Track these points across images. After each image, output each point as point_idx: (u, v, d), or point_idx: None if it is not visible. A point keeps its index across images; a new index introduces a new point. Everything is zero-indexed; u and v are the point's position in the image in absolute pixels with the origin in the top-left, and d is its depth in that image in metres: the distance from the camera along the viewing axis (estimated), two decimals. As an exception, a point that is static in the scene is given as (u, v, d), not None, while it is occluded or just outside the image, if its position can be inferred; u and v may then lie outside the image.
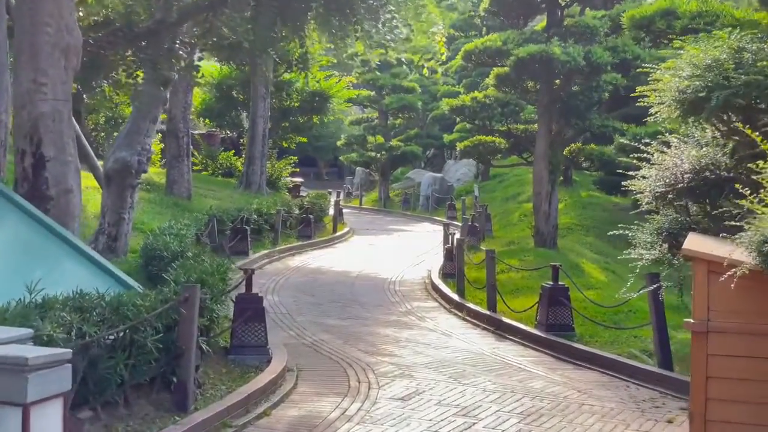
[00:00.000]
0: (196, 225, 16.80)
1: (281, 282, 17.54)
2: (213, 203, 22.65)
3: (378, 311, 14.59)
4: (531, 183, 36.67)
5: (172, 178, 22.38)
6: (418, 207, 39.13)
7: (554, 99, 21.77)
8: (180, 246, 11.94)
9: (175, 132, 22.30)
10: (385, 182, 43.63)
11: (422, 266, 21.22)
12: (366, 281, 18.37)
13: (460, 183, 40.81)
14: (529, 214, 29.55)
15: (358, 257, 22.74)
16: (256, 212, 21.69)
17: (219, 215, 19.23)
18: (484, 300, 15.17)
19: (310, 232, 24.81)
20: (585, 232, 26.29)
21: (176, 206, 21.28)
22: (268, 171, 31.07)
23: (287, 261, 21.18)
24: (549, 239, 21.89)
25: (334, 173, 68.20)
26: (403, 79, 43.86)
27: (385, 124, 44.06)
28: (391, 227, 32.93)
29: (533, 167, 22.29)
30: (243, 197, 25.57)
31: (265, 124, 28.28)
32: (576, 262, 20.10)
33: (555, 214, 22.21)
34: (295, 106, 31.94)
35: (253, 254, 20.18)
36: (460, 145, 23.37)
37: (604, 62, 20.62)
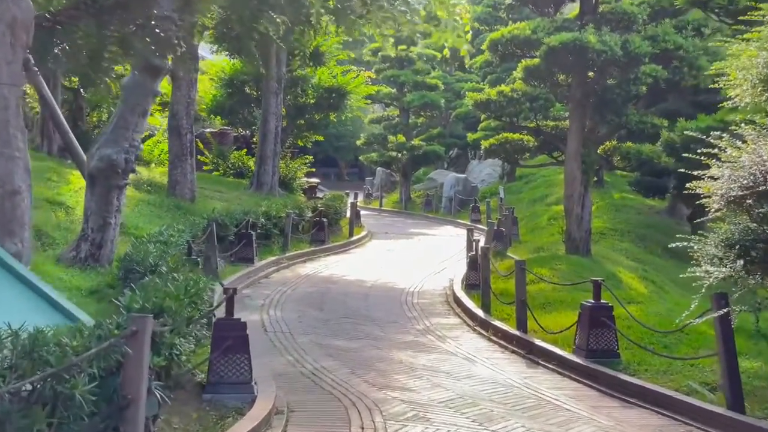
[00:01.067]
0: (194, 230, 15.18)
1: (287, 293, 15.88)
2: (219, 205, 21.05)
3: (393, 329, 12.89)
4: (561, 184, 34.84)
5: (175, 179, 20.80)
6: (441, 209, 37.38)
7: (587, 93, 20.00)
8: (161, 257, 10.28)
9: (178, 129, 20.73)
10: (406, 183, 41.92)
11: (444, 275, 19.50)
12: (381, 292, 16.69)
13: (485, 184, 39.02)
14: (559, 217, 27.77)
15: (374, 264, 21.06)
16: (264, 215, 20.07)
17: (221, 219, 17.61)
18: (513, 316, 13.45)
19: (323, 236, 23.16)
20: (619, 237, 24.47)
21: (178, 209, 19.70)
22: (282, 171, 29.45)
23: (297, 268, 19.53)
24: (582, 245, 20.11)
25: (354, 174, 66.62)
26: (426, 75, 42.12)
27: (406, 122, 42.35)
28: (412, 230, 31.21)
29: (564, 167, 20.52)
30: (253, 199, 23.95)
31: (277, 121, 26.65)
32: (612, 272, 18.31)
33: (588, 218, 20.42)
34: (311, 103, 30.26)
35: (259, 261, 18.55)
36: (485, 144, 21.63)
37: (643, 52, 18.84)
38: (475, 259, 16.01)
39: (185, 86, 20.69)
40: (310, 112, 30.41)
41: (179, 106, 20.75)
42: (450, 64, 48.32)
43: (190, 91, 20.80)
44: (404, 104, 41.34)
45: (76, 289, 11.82)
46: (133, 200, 19.22)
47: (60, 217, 15.79)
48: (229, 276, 16.18)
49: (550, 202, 30.85)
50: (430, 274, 19.66)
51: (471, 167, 42.66)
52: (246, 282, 16.55)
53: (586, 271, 17.56)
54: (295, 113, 30.30)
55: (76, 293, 11.61)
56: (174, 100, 20.84)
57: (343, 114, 31.55)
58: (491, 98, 20.42)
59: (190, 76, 20.76)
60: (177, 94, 20.77)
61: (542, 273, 16.86)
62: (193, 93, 20.92)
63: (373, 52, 42.68)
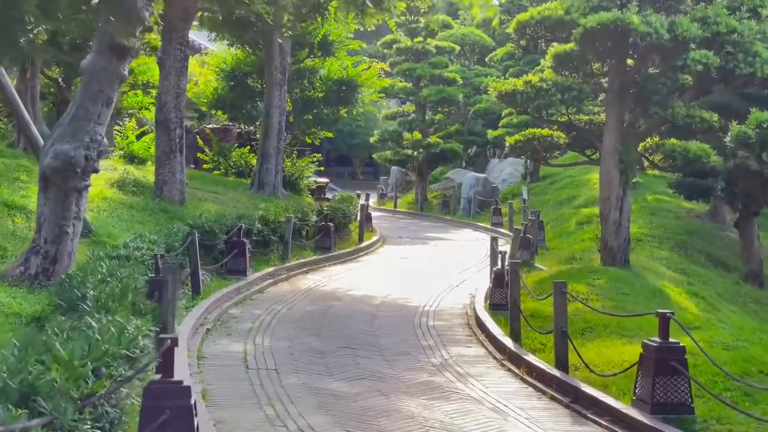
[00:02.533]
0: (170, 240, 12.93)
1: (281, 313, 13.61)
2: (212, 208, 18.81)
3: (403, 364, 10.60)
4: (588, 185, 32.49)
5: (162, 179, 18.56)
6: (459, 211, 35.02)
7: (626, 83, 17.65)
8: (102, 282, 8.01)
9: (166, 123, 18.49)
10: (422, 183, 39.61)
11: (464, 288, 17.21)
12: (392, 311, 14.39)
13: (506, 184, 36.65)
14: (588, 221, 25.41)
15: (385, 275, 18.77)
16: (261, 220, 17.81)
17: (208, 225, 15.37)
18: (548, 345, 11.18)
19: (329, 243, 20.88)
20: (657, 244, 22.08)
21: (164, 213, 17.46)
22: (288, 170, 27.19)
23: (297, 281, 17.25)
24: (619, 255, 17.77)
25: (369, 173, 64.36)
26: (443, 69, 39.79)
27: (422, 119, 40.04)
28: (428, 235, 28.88)
29: (600, 166, 18.15)
30: (252, 201, 21.72)
31: (281, 116, 24.38)
32: (656, 287, 15.95)
33: (627, 224, 18.07)
34: (319, 97, 27.96)
35: (253, 273, 16.30)
36: (509, 140, 19.28)
37: (692, 36, 16.46)
38: (501, 275, 13.68)
39: (174, 75, 18.45)
40: (319, 107, 28.12)
41: (167, 97, 18.51)
42: (469, 57, 45.99)
43: (180, 80, 18.55)
44: (420, 99, 39.05)
45: (14, 315, 9.58)
46: (114, 203, 17.01)
47: (18, 222, 13.57)
48: (214, 293, 13.94)
49: (578, 205, 28.46)
50: (447, 287, 17.35)
51: (491, 166, 40.28)
52: (235, 299, 14.29)
53: (627, 286, 15.22)
54: (302, 108, 28.04)
55: (14, 320, 9.37)
56: (162, 90, 18.60)
57: (355, 109, 29.19)
58: (517, 89, 18.05)
59: (180, 63, 18.52)
60: (165, 84, 18.53)
61: (579, 290, 14.53)
62: (183, 82, 18.67)
63: (388, 45, 40.40)
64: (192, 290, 13.45)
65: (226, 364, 10.05)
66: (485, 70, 44.41)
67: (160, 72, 18.70)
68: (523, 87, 18.07)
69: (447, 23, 40.73)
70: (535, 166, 34.95)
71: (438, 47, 40.20)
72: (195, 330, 11.47)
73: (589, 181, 31.59)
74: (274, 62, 24.09)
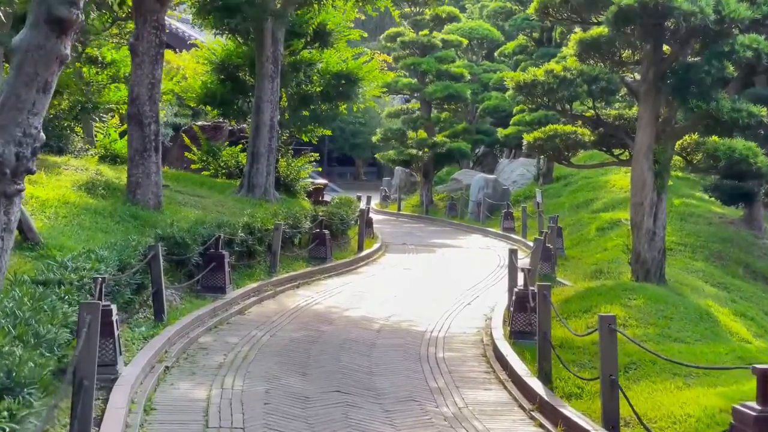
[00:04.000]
0: (126, 255, 10.72)
1: (262, 342, 11.42)
2: (192, 214, 16.63)
3: (406, 416, 8.40)
4: (606, 187, 30.24)
5: (135, 181, 16.37)
6: (467, 214, 32.77)
7: (663, 72, 15.43)
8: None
9: (139, 117, 16.30)
10: (427, 184, 37.38)
11: (477, 307, 15.02)
12: (394, 338, 12.18)
13: (517, 186, 34.40)
14: (609, 227, 23.20)
15: (386, 290, 16.58)
16: (246, 228, 15.62)
17: (180, 236, 13.17)
18: (587, 389, 9.03)
19: (324, 252, 18.68)
20: (691, 254, 19.86)
21: (134, 219, 15.24)
22: (282, 171, 24.97)
23: (285, 299, 15.04)
24: (654, 269, 15.57)
25: (372, 173, 62.21)
26: (450, 63, 37.54)
27: (428, 116, 37.80)
28: (434, 241, 26.67)
29: (632, 167, 15.95)
30: (240, 205, 19.52)
31: (273, 111, 22.16)
32: (701, 308, 13.71)
33: (662, 233, 15.87)
34: (317, 92, 25.73)
35: (234, 290, 14.11)
36: (527, 138, 17.04)
37: (740, 17, 14.28)
38: (524, 298, 11.46)
39: (148, 63, 16.25)
40: (316, 102, 25.86)
41: (140, 89, 16.31)
42: (477, 52, 43.76)
43: (155, 68, 16.35)
44: (426, 96, 36.80)
45: None
46: (76, 208, 14.79)
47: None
48: (183, 317, 11.75)
49: (597, 209, 26.23)
50: (458, 305, 15.15)
51: (501, 167, 38.03)
52: (208, 323, 12.10)
53: (669, 307, 12.99)
54: (298, 103, 25.78)
55: None
56: (134, 81, 16.41)
57: (355, 105, 26.94)
58: (537, 79, 15.84)
59: (155, 50, 16.34)
60: (138, 73, 16.34)
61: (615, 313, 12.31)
62: (158, 71, 16.47)
63: (392, 38, 38.18)
64: (154, 315, 11.26)
65: (180, 420, 7.85)
66: (494, 65, 42.14)
67: (132, 60, 16.52)
68: (544, 77, 15.85)
69: (454, 15, 38.48)
70: (549, 167, 32.73)
71: (444, 41, 37.95)
72: (149, 369, 9.28)
73: (607, 183, 29.39)
74: (265, 52, 21.89)
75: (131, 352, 9.69)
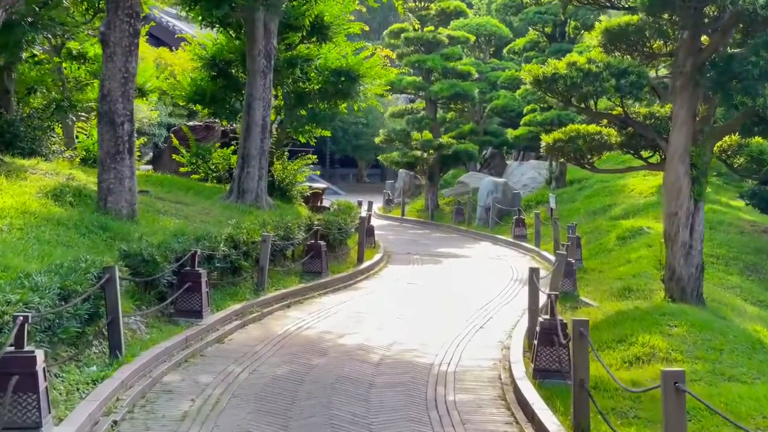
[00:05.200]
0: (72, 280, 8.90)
1: (239, 381, 9.61)
2: (171, 224, 14.82)
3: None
4: (624, 191, 28.37)
5: (106, 186, 14.55)
6: (475, 220, 30.91)
7: (701, 64, 13.63)
8: None
9: (111, 116, 14.48)
10: (432, 188, 35.55)
11: (490, 330, 13.22)
12: (396, 374, 10.35)
13: (528, 190, 32.56)
14: (630, 235, 21.35)
15: (388, 310, 14.76)
16: (229, 241, 13.83)
17: (148, 252, 11.37)
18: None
19: (320, 265, 16.86)
20: (724, 267, 18.09)
21: (103, 231, 13.39)
22: (277, 174, 23.17)
23: (272, 322, 13.22)
24: (691, 287, 13.77)
25: (375, 176, 60.46)
26: (456, 61, 35.73)
27: (433, 116, 35.98)
28: (441, 250, 24.85)
29: (665, 172, 14.14)
30: (227, 213, 17.70)
31: (266, 109, 20.33)
32: (753, 336, 11.88)
33: (700, 246, 14.05)
34: (315, 89, 23.89)
35: (213, 314, 12.31)
36: (546, 139, 15.19)
37: (791, 2, 12.47)
38: (551, 330, 9.61)
39: (121, 54, 14.44)
40: (314, 101, 24.02)
41: (112, 83, 14.49)
42: (484, 50, 41.94)
43: (128, 61, 14.54)
44: (431, 95, 35.00)
45: None
46: (37, 218, 12.96)
47: None
48: (146, 350, 9.94)
49: (616, 216, 24.41)
50: (469, 328, 13.33)
51: (510, 170, 36.20)
52: (177, 357, 10.29)
53: (716, 335, 11.20)
54: (295, 102, 23.93)
55: None
56: (105, 76, 14.57)
57: (356, 103, 25.05)
58: (559, 72, 14.00)
59: (129, 40, 14.52)
60: (109, 66, 14.51)
61: (655, 344, 10.52)
62: (132, 64, 14.66)
63: (395, 34, 36.37)
64: (110, 350, 9.44)
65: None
66: (502, 63, 40.39)
67: (103, 51, 14.69)
68: (567, 70, 14.02)
69: (461, 10, 36.64)
70: (562, 170, 30.88)
71: (451, 37, 36.17)
72: (91, 426, 7.48)
73: (625, 187, 27.58)
74: (257, 45, 20.07)
75: (72, 401, 7.90)
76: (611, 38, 14.42)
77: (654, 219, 22.50)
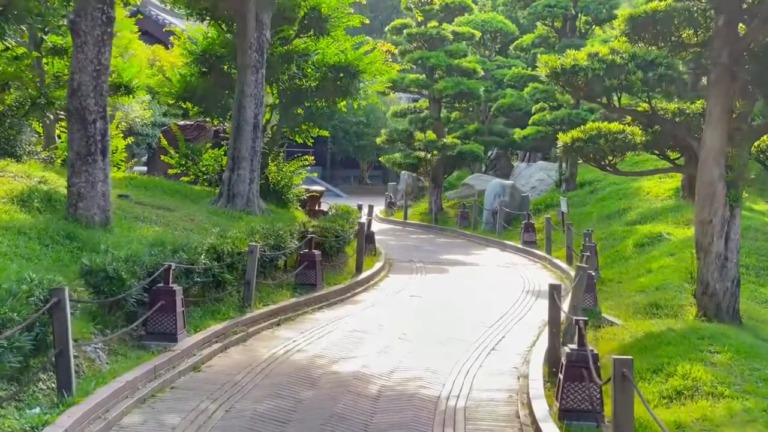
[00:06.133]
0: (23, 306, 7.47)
1: (213, 422, 8.16)
2: (150, 233, 13.42)
3: None
4: (638, 195, 26.77)
5: (77, 191, 13.13)
6: (481, 225, 29.45)
7: (738, 55, 12.21)
8: None
9: (81, 113, 13.07)
10: (436, 190, 34.07)
11: (504, 352, 11.78)
12: (397, 411, 8.89)
13: (536, 193, 31.06)
14: (649, 242, 19.87)
15: (389, 329, 13.29)
16: (211, 252, 12.39)
17: (112, 268, 9.93)
18: None
19: (314, 277, 15.41)
20: (755, 277, 16.62)
21: (70, 241, 11.98)
22: (272, 177, 21.78)
23: (258, 345, 11.77)
24: (726, 303, 12.40)
25: (377, 177, 58.92)
26: (461, 58, 34.25)
27: (437, 116, 34.50)
28: (446, 257, 23.40)
29: (697, 175, 12.69)
30: (214, 220, 16.29)
31: (258, 107, 18.90)
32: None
33: (735, 258, 12.66)
34: (312, 86, 22.45)
35: (189, 336, 10.88)
36: (563, 138, 13.74)
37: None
38: (580, 362, 8.14)
39: (92, 44, 13.00)
40: (311, 99, 22.59)
41: (83, 77, 13.07)
42: (489, 47, 40.47)
43: (101, 52, 13.12)
44: (435, 93, 33.49)
45: None
46: (-6, 227, 11.61)
47: None
48: (105, 384, 8.48)
49: (631, 220, 22.92)
50: (480, 352, 11.87)
51: (518, 171, 34.73)
52: (144, 391, 8.84)
53: (766, 364, 9.72)
54: (291, 100, 22.51)
55: None
56: (75, 68, 13.14)
57: (356, 101, 23.58)
58: (579, 64, 12.57)
59: (101, 29, 13.09)
60: (79, 57, 13.08)
61: (696, 375, 9.08)
62: (105, 55, 13.24)
63: (397, 30, 34.89)
64: (57, 389, 7.99)
65: None
66: (508, 61, 38.92)
67: (74, 41, 13.26)
68: (588, 62, 12.59)
69: (465, 5, 35.12)
70: (572, 172, 29.39)
71: (455, 33, 34.68)
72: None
73: (639, 191, 26.09)
74: (248, 38, 18.65)
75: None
76: (636, 27, 13.01)
77: (673, 224, 21.06)
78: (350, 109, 25.62)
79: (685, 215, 21.07)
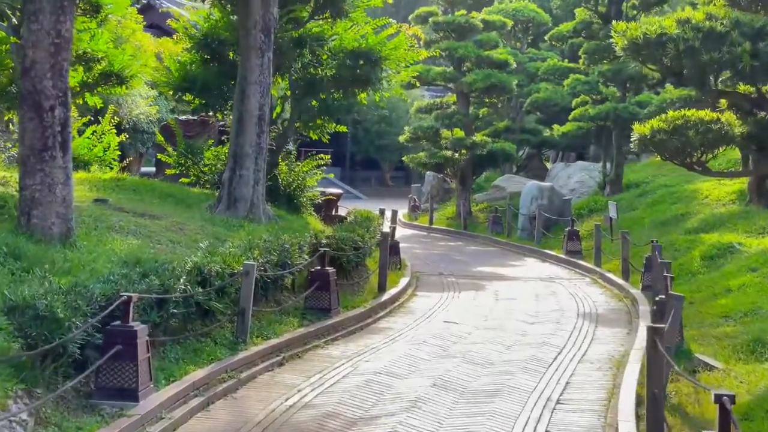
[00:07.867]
0: None
1: None
2: (124, 247, 10.69)
3: None
4: (696, 198, 23.58)
5: (30, 195, 10.49)
6: (517, 231, 26.62)
7: None
8: None
9: (36, 98, 10.43)
10: (465, 192, 31.28)
11: (571, 407, 8.98)
12: None
13: (576, 196, 28.19)
14: (720, 254, 16.93)
15: (420, 373, 10.46)
16: (195, 273, 9.68)
17: (47, 303, 7.24)
18: None
19: (328, 300, 12.65)
20: None
21: (16, 260, 9.30)
22: (283, 178, 19.09)
23: (250, 398, 9.00)
24: None
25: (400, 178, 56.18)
26: (492, 49, 31.46)
27: (465, 112, 31.74)
28: (480, 269, 20.62)
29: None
30: (211, 229, 13.58)
31: (264, 97, 16.21)
32: None
33: None
34: (328, 76, 19.72)
35: (160, 391, 8.16)
36: (639, 130, 10.97)
37: None
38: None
39: (49, 13, 10.36)
40: (327, 89, 19.82)
41: (37, 53, 10.41)
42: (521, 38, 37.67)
43: (60, 21, 10.47)
44: (463, 87, 30.72)
45: None
46: None
47: None
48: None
49: (693, 228, 20.02)
50: (542, 407, 9.05)
51: (555, 172, 31.86)
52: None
53: None
54: (304, 91, 19.75)
55: None
56: (27, 41, 10.49)
57: (378, 93, 20.76)
58: (667, 33, 9.77)
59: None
60: (33, 29, 10.43)
61: None
62: (64, 27, 10.59)
63: (422, 18, 32.16)
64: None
65: None
66: (542, 53, 36.11)
67: (25, 8, 10.62)
68: (679, 29, 9.78)
69: (496, -10, 32.43)
70: (618, 172, 26.50)
71: (485, 22, 31.92)
72: None
73: (696, 193, 23.19)
74: (252, 16, 15.94)
75: None
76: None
77: (744, 233, 18.14)
78: (372, 105, 22.81)
79: (758, 223, 18.22)
